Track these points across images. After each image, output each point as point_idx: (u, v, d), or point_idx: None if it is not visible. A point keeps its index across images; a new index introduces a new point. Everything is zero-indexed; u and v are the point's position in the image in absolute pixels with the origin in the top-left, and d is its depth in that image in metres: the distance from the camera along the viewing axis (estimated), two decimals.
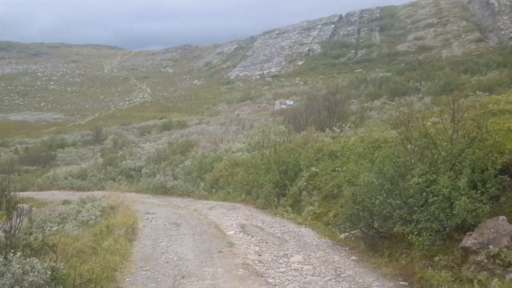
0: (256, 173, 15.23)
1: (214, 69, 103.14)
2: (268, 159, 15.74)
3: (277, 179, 13.62)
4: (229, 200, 15.85)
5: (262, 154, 16.43)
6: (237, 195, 15.86)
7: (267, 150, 19.15)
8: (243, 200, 14.91)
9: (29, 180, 32.18)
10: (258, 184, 14.71)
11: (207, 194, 18.12)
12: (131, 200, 20.75)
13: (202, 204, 15.91)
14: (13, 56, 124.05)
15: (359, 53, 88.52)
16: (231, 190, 16.89)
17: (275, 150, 14.87)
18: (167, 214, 13.32)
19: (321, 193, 11.94)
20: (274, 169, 14.12)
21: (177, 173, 21.89)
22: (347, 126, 21.90)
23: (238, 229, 10.46)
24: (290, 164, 13.57)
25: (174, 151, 26.94)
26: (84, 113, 79.37)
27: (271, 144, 20.20)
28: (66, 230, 10.09)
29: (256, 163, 15.49)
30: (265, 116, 48.48)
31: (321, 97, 25.75)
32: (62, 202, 22.42)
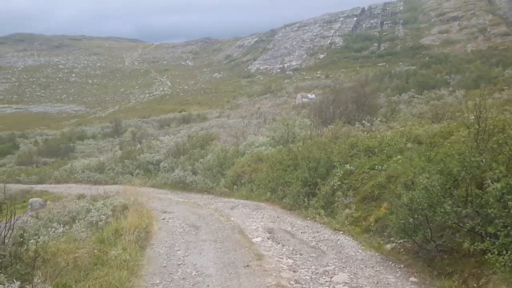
0: (282, 169, 13.85)
1: (235, 62, 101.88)
2: (295, 155, 14.35)
3: (306, 177, 12.22)
4: (252, 199, 14.51)
5: (289, 149, 15.04)
6: (261, 193, 14.52)
7: (293, 145, 17.78)
8: (268, 199, 13.55)
9: (46, 172, 31.36)
10: (285, 182, 13.34)
11: (228, 191, 16.82)
12: (148, 196, 19.62)
13: (223, 202, 14.61)
14: (35, 48, 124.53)
15: (382, 46, 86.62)
16: (255, 188, 15.56)
17: (304, 145, 13.45)
18: (185, 214, 12.04)
19: (358, 194, 10.52)
20: (302, 166, 12.73)
21: (196, 168, 20.66)
22: (377, 120, 20.37)
23: (265, 234, 9.11)
24: (321, 161, 12.14)
25: (194, 144, 25.74)
26: (104, 106, 79.05)
27: (297, 138, 18.83)
28: (73, 232, 8.90)
29: (282, 159, 14.10)
30: (286, 109, 47.11)
31: (348, 89, 24.21)
32: (77, 196, 21.56)
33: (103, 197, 14.13)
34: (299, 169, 13.20)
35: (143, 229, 8.67)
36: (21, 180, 30.48)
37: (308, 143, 13.72)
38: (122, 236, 7.71)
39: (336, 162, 11.78)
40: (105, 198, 13.75)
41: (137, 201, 10.98)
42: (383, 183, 9.77)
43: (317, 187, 11.96)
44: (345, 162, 11.82)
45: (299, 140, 18.72)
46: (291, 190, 12.46)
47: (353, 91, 22.57)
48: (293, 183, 12.56)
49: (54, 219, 11.20)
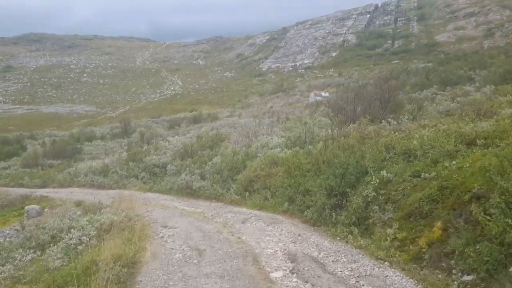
0: (301, 175, 11.79)
1: (246, 60, 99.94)
2: (315, 158, 12.28)
3: (331, 185, 10.14)
4: (267, 209, 12.45)
5: (308, 152, 12.95)
6: (277, 202, 12.45)
7: (311, 146, 15.69)
8: (285, 211, 11.47)
9: (50, 175, 29.59)
10: (305, 190, 11.28)
11: (239, 198, 14.78)
12: (151, 203, 17.68)
13: (234, 213, 12.57)
14: (47, 48, 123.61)
15: (396, 44, 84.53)
16: (269, 196, 13.50)
17: (327, 147, 11.35)
18: (188, 230, 10.02)
19: (399, 209, 8.40)
20: (326, 172, 10.66)
21: (205, 172, 18.65)
22: (405, 117, 18.19)
23: (287, 264, 7.04)
24: (349, 166, 10.03)
25: (203, 145, 23.79)
26: (115, 106, 77.65)
27: (315, 139, 16.73)
28: (45, 260, 6.93)
29: (300, 163, 12.01)
30: (299, 108, 45.25)
31: (370, 85, 22.05)
32: (75, 203, 19.71)
33: (98, 208, 12.19)
34: (321, 175, 11.15)
35: (129, 259, 6.63)
36: (24, 184, 28.77)
37: (333, 144, 11.60)
38: (97, 273, 5.69)
39: (370, 168, 9.66)
40: (98, 209, 11.83)
41: (129, 216, 8.94)
42: (434, 196, 7.64)
43: (345, 198, 9.87)
44: (379, 168, 9.71)
45: (318, 141, 16.64)
46: (313, 200, 10.37)
47: (376, 86, 20.39)
48: (315, 192, 10.48)
49: (33, 237, 9.25)
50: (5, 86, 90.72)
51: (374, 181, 9.18)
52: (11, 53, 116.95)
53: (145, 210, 13.46)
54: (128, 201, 15.15)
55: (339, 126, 14.28)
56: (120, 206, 12.99)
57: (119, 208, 11.66)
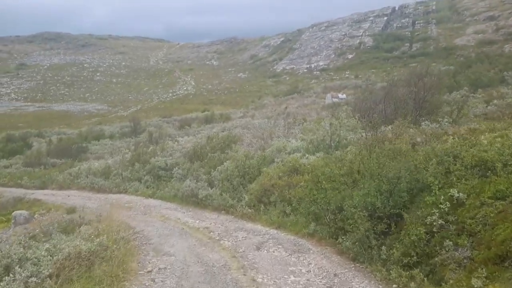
0: (332, 188, 9.20)
1: (260, 62, 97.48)
2: (349, 167, 9.70)
3: (375, 204, 7.58)
4: (286, 229, 9.92)
5: (339, 159, 10.37)
6: (300, 221, 9.91)
7: (338, 152, 13.11)
8: (312, 234, 8.91)
9: (51, 175, 27.31)
10: (337, 207, 8.73)
11: (252, 212, 12.24)
12: (151, 212, 15.24)
13: (246, 232, 10.06)
14: (61, 47, 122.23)
15: (414, 47, 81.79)
16: (289, 211, 10.96)
17: (371, 153, 8.74)
18: (186, 261, 7.52)
19: (481, 245, 5.80)
20: (367, 186, 8.08)
21: (213, 178, 16.15)
22: (444, 120, 15.53)
23: None
24: (402, 180, 7.44)
25: (213, 147, 21.29)
26: (127, 105, 75.71)
27: (342, 143, 14.14)
28: None
29: (333, 173, 9.41)
30: (315, 110, 42.66)
31: (403, 83, 19.41)
32: (67, 210, 17.37)
33: (78, 223, 9.75)
34: (358, 189, 8.61)
35: None
36: (23, 184, 26.51)
37: (375, 151, 8.98)
38: None
39: (433, 184, 7.03)
40: (78, 225, 9.39)
41: (113, 238, 6.45)
42: None
43: (394, 223, 7.29)
44: (445, 185, 7.10)
45: (345, 145, 14.05)
46: (350, 224, 7.78)
47: (409, 84, 17.76)
48: (353, 212, 7.89)
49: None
50: (18, 84, 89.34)
51: (441, 203, 6.55)
52: (25, 51, 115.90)
53: (137, 227, 11.06)
54: (119, 212, 12.74)
55: (374, 128, 11.67)
56: (108, 220, 10.56)
57: (106, 224, 9.21)
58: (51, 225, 8.76)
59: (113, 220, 11.65)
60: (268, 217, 11.30)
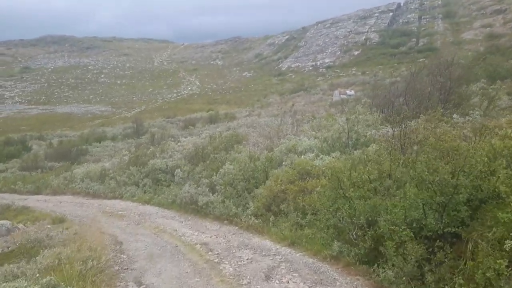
0: (359, 197, 7.23)
1: (265, 60, 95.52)
2: (378, 170, 7.74)
3: (428, 222, 5.62)
4: (302, 246, 7.96)
5: (364, 160, 8.38)
6: (317, 236, 7.96)
7: (357, 151, 11.13)
8: (335, 257, 6.95)
9: (46, 180, 25.47)
10: (366, 221, 6.77)
11: (259, 223, 10.30)
12: (145, 222, 13.35)
13: (252, 250, 8.11)
14: (65, 49, 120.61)
15: (421, 42, 79.86)
16: (304, 223, 9.01)
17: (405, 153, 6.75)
18: None
19: None
20: (412, 196, 6.10)
21: (215, 182, 14.20)
22: (475, 113, 13.52)
23: None
24: (460, 189, 5.45)
25: (216, 148, 19.37)
26: (131, 106, 74.08)
27: (360, 141, 12.15)
28: None
29: (361, 178, 7.43)
30: (323, 107, 40.67)
31: (426, 73, 17.39)
32: (54, 220, 15.56)
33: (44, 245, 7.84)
34: (390, 196, 6.66)
35: None
36: (16, 189, 24.67)
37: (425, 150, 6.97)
38: None
39: (505, 194, 5.05)
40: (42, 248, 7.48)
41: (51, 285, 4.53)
42: None
43: (448, 244, 5.32)
44: None
45: (364, 143, 12.06)
46: (390, 247, 5.80)
47: (433, 75, 15.74)
48: (390, 230, 5.92)
49: None
50: (22, 87, 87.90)
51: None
52: (29, 54, 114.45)
53: (124, 242, 9.18)
54: (110, 221, 10.85)
55: (401, 123, 9.67)
56: (89, 235, 8.67)
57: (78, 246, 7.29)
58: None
59: (95, 235, 9.78)
60: (278, 231, 9.34)
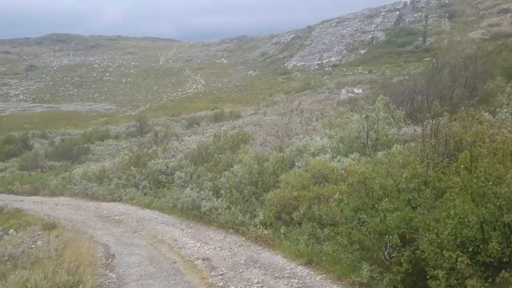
0: (393, 210, 5.90)
1: (270, 59, 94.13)
2: (412, 175, 6.40)
3: (490, 246, 4.28)
4: (321, 267, 6.65)
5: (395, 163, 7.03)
6: (338, 253, 6.64)
7: (380, 153, 9.80)
8: (366, 285, 5.63)
9: (44, 180, 24.23)
10: (402, 238, 5.45)
11: (269, 235, 8.99)
12: (143, 229, 12.08)
13: (263, 271, 6.81)
14: (71, 48, 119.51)
15: (428, 41, 78.28)
16: (323, 236, 7.69)
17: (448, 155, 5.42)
18: None
19: None
20: (465, 211, 4.77)
21: (220, 185, 12.90)
22: (503, 110, 12.14)
23: None
24: None
25: (221, 147, 18.08)
26: (136, 104, 72.93)
27: (381, 140, 10.80)
28: None
29: (396, 187, 6.08)
30: (331, 105, 39.29)
31: (448, 66, 16.00)
32: (44, 226, 14.30)
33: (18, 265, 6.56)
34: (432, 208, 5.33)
35: None
36: (13, 190, 23.44)
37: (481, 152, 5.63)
38: None
39: None
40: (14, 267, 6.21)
41: None
42: None
43: None
44: None
45: (385, 143, 10.72)
46: (442, 278, 4.47)
47: (456, 70, 14.36)
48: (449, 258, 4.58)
49: None
50: (27, 85, 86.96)
51: None
52: (35, 53, 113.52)
53: (117, 255, 7.89)
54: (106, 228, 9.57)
55: (433, 121, 8.30)
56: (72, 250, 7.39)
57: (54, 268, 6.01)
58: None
59: (86, 246, 8.51)
60: (292, 244, 8.03)
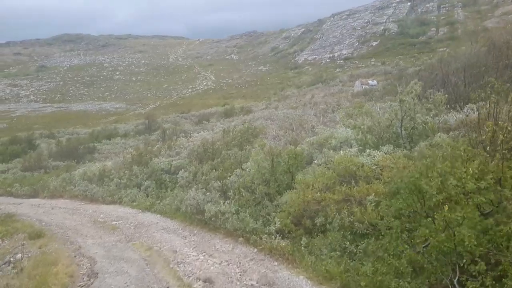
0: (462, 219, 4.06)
1: (281, 54, 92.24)
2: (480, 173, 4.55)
3: None
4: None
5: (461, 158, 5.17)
6: (385, 276, 4.82)
7: (420, 144, 7.92)
8: None
9: (45, 181, 22.65)
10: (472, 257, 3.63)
11: (288, 246, 7.18)
12: (141, 236, 10.38)
13: None
14: (81, 48, 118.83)
15: (441, 31, 76.09)
16: (356, 250, 5.86)
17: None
18: None
19: None
20: None
21: (229, 185, 11.11)
22: None
23: None
24: None
25: (229, 143, 16.31)
26: (146, 102, 71.63)
27: (418, 129, 8.91)
28: None
29: (462, 189, 4.24)
30: (345, 98, 37.44)
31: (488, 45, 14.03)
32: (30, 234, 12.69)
33: None
34: None
35: None
36: (13, 192, 21.88)
37: None
38: None
39: None
40: None
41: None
42: None
43: None
44: None
45: (423, 133, 8.84)
46: None
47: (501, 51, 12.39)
48: None
49: None
50: (37, 86, 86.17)
51: None
52: (46, 53, 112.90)
53: (100, 273, 6.19)
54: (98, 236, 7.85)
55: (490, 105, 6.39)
56: None
57: None
58: None
59: (68, 262, 6.81)
60: (317, 261, 6.21)
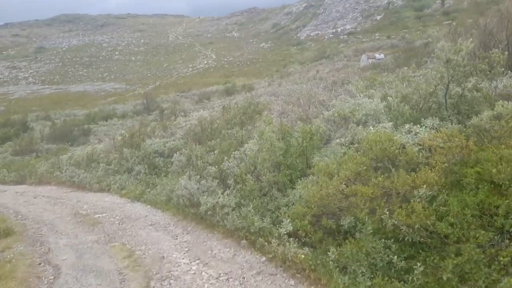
0: None
1: (282, 30, 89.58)
2: None
3: None
4: None
5: None
6: None
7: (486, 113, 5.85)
8: None
9: (33, 166, 20.74)
10: None
11: (306, 258, 5.17)
12: (124, 234, 8.45)
13: None
14: (80, 28, 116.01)
15: (447, 3, 73.63)
16: (410, 271, 3.87)
17: None
18: None
19: None
20: None
21: (228, 171, 9.03)
22: None
23: None
24: None
25: (229, 121, 14.22)
26: (145, 82, 69.56)
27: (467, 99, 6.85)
28: None
29: None
30: (352, 72, 35.28)
31: None
32: None
33: None
34: None
35: None
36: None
37: None
38: None
39: None
40: None
41: None
42: None
43: None
44: None
45: (472, 102, 6.80)
46: None
47: None
48: None
49: None
50: (36, 68, 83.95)
51: None
52: (44, 34, 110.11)
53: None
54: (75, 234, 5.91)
55: None
56: None
57: None
58: None
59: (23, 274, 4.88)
60: (352, 283, 4.23)
